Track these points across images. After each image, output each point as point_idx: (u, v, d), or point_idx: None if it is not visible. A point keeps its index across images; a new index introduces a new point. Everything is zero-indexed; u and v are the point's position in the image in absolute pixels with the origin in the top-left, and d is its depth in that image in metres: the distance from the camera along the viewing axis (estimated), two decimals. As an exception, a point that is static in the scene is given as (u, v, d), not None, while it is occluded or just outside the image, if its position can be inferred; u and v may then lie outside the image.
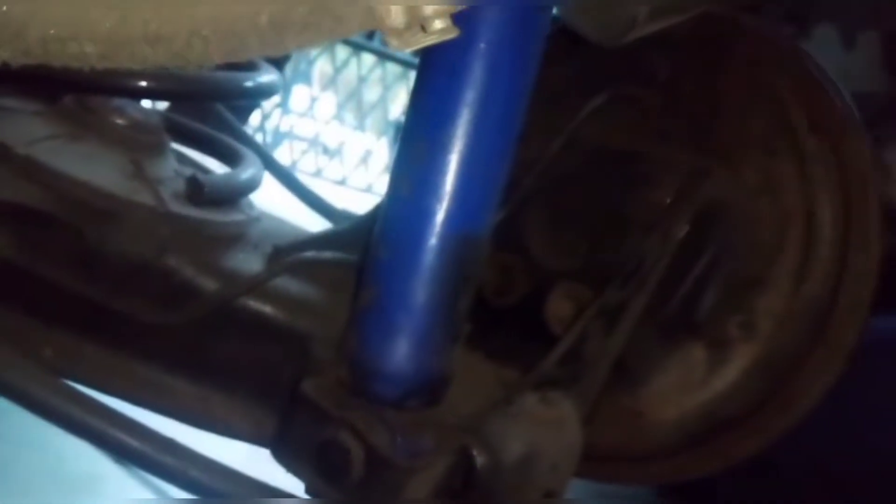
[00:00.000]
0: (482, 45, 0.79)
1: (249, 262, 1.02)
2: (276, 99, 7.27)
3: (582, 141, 1.17)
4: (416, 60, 0.86)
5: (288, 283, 1.00)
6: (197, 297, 1.00)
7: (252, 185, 1.20)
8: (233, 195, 1.14)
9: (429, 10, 0.56)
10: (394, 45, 0.58)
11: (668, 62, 1.14)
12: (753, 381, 1.09)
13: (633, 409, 1.14)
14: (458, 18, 0.66)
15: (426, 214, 0.83)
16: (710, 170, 1.08)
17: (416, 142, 0.84)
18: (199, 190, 1.07)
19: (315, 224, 1.25)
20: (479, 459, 0.85)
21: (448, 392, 0.90)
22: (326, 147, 7.78)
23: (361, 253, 0.93)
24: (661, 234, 1.04)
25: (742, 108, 1.10)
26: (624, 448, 1.14)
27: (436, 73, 0.83)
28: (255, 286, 0.98)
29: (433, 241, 0.83)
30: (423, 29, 0.56)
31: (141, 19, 0.53)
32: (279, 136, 7.30)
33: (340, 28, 0.57)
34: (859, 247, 1.04)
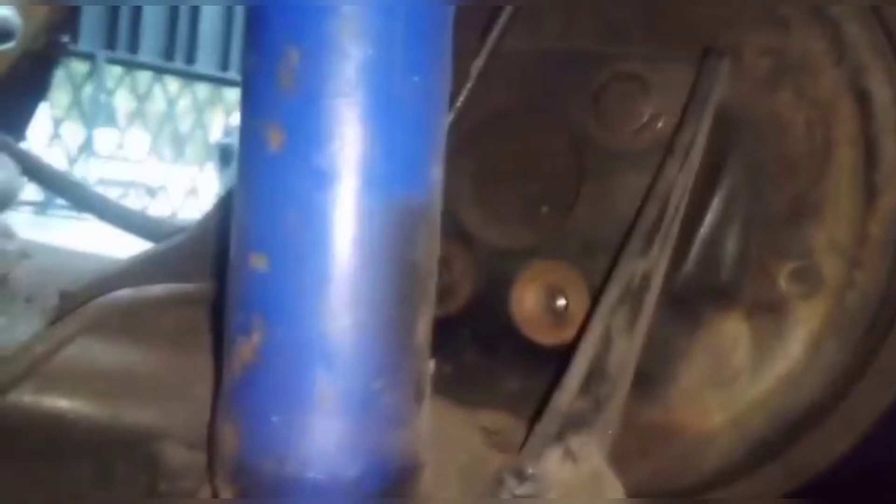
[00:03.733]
0: None
1: (16, 325, 0.58)
2: (79, 143, 6.60)
3: (508, 54, 0.80)
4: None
5: (91, 351, 0.57)
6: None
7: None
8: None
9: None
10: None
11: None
12: (830, 352, 0.74)
13: (661, 424, 0.78)
14: None
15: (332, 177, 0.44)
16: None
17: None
18: None
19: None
20: None
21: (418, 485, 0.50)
22: (149, 187, 7.10)
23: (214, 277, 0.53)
24: (678, 158, 0.67)
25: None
26: (664, 481, 0.77)
27: None
28: (31, 365, 0.54)
29: (354, 217, 0.43)
30: None
31: None
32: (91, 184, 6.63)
33: None
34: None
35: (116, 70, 7.22)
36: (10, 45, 0.92)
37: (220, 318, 0.49)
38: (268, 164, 0.46)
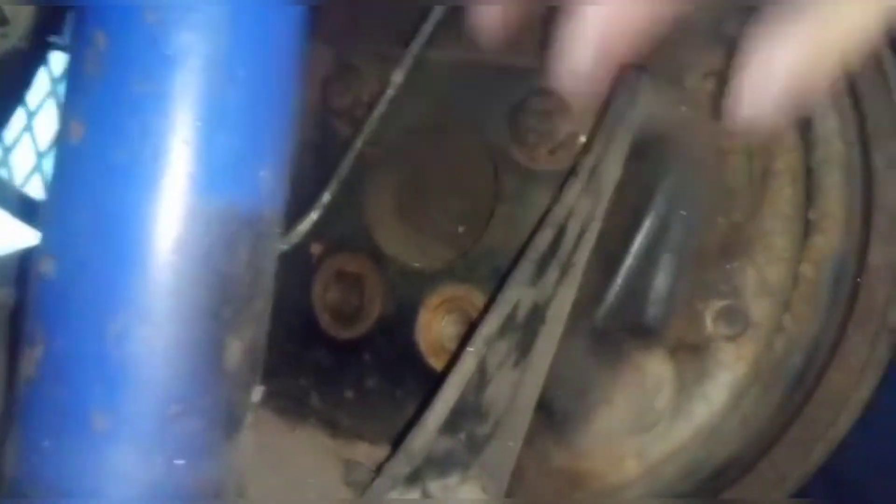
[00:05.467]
0: None
1: None
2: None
3: (434, 63, 0.75)
4: None
5: None
6: None
7: None
8: None
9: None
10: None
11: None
12: (752, 403, 0.68)
13: (572, 470, 0.72)
14: None
15: (131, 174, 0.39)
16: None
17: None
18: None
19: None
20: None
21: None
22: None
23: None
24: (581, 180, 0.62)
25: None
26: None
27: None
28: None
29: (155, 221, 0.39)
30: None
31: None
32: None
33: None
34: (890, 159, 0.65)
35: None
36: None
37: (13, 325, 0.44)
38: (67, 159, 0.42)
